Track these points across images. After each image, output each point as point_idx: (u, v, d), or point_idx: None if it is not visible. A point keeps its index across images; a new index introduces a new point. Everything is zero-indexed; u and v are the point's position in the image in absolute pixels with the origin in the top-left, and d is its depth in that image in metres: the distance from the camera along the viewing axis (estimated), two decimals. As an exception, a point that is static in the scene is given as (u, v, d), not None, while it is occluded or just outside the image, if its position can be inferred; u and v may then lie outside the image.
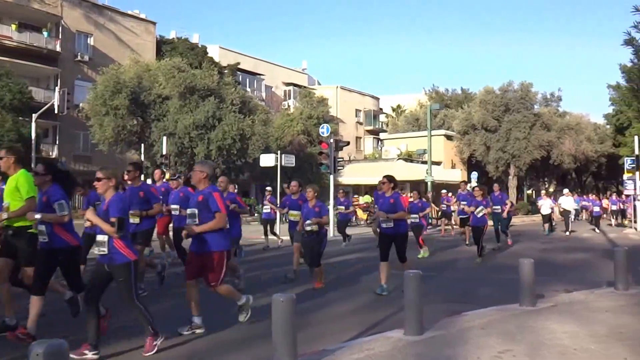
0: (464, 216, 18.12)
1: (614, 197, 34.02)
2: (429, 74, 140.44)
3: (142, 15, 45.07)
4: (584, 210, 36.23)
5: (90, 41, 40.36)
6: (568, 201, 25.78)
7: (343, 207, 20.37)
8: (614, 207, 31.99)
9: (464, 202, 18.00)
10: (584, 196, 38.74)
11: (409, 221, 16.13)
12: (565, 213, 25.49)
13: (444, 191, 26.93)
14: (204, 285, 7.08)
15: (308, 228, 10.31)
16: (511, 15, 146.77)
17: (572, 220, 31.21)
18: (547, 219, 25.42)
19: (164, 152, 28.52)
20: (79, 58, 38.92)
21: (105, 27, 41.31)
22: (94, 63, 38.74)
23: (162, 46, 44.07)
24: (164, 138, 29.38)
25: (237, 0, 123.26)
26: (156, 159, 30.83)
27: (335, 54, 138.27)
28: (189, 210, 7.22)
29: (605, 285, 10.04)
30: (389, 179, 10.16)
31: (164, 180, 12.61)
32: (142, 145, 31.22)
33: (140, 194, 9.29)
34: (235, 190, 14.64)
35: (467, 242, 18.64)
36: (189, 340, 6.71)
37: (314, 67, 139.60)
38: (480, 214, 14.94)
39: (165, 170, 28.40)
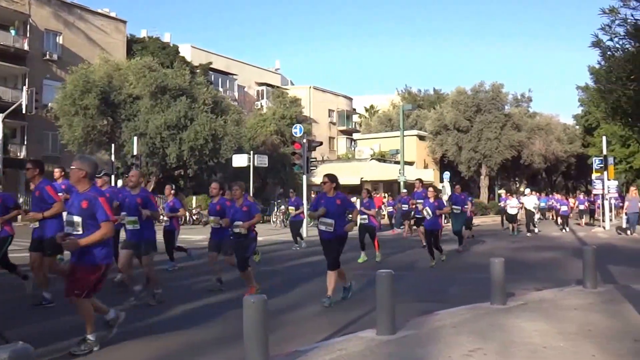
0: (420, 216, 16.69)
1: (581, 196, 33.92)
2: (402, 74, 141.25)
3: (113, 14, 44.58)
4: (551, 210, 35.82)
5: (59, 40, 39.78)
6: (530, 200, 25.21)
7: (293, 208, 19.45)
8: (582, 207, 31.73)
9: (420, 201, 16.99)
10: (551, 195, 38.72)
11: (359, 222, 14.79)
12: (528, 213, 24.98)
13: (403, 191, 27.01)
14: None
15: (236, 230, 9.37)
16: (482, 17, 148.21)
17: (537, 220, 31.50)
18: (514, 219, 25.24)
19: (135, 153, 28.26)
20: (47, 57, 38.34)
21: (74, 25, 40.76)
22: (63, 62, 38.18)
23: (133, 45, 43.66)
24: (135, 138, 29.11)
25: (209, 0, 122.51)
26: (127, 160, 30.53)
27: (309, 54, 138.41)
28: (69, 217, 6.21)
29: (574, 283, 10.16)
30: (330, 178, 9.37)
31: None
32: (113, 145, 30.85)
33: (36, 193, 8.38)
34: (173, 191, 13.19)
35: (423, 244, 16.94)
36: (161, 341, 6.65)
37: (287, 67, 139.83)
38: (431, 217, 13.83)
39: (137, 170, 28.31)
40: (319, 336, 6.76)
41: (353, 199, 15.48)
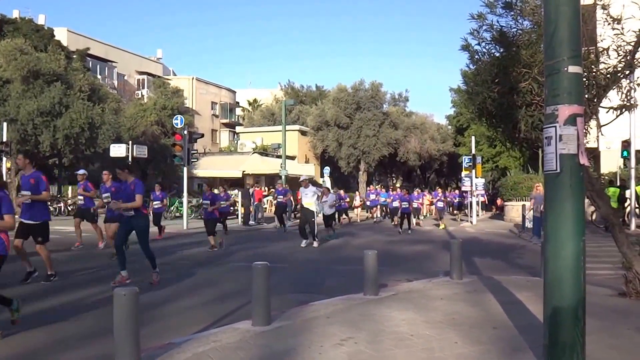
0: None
1: (419, 192, 31.03)
2: (285, 69, 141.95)
3: (-20, -8, 41.84)
4: (383, 207, 31.92)
5: None
6: (308, 196, 17.79)
7: (158, 202, 19.37)
8: (415, 204, 27.20)
9: (107, 195, 13.76)
10: (392, 191, 31.97)
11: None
12: (306, 212, 17.68)
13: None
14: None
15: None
16: (363, 17, 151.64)
17: (378, 219, 30.65)
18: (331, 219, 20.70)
19: (4, 140, 26.78)
20: None
21: (-64, 1, 37.90)
22: None
23: (4, 26, 41.07)
24: (5, 124, 27.60)
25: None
26: (-5, 147, 28.86)
27: (192, 45, 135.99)
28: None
29: (442, 274, 10.72)
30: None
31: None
32: (-21, 131, 29.08)
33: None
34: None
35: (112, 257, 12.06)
36: (30, 336, 6.43)
37: (170, 57, 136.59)
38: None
39: (6, 158, 26.80)
40: (194, 328, 6.74)
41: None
